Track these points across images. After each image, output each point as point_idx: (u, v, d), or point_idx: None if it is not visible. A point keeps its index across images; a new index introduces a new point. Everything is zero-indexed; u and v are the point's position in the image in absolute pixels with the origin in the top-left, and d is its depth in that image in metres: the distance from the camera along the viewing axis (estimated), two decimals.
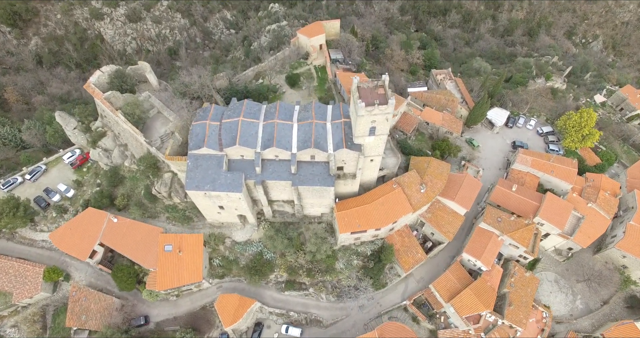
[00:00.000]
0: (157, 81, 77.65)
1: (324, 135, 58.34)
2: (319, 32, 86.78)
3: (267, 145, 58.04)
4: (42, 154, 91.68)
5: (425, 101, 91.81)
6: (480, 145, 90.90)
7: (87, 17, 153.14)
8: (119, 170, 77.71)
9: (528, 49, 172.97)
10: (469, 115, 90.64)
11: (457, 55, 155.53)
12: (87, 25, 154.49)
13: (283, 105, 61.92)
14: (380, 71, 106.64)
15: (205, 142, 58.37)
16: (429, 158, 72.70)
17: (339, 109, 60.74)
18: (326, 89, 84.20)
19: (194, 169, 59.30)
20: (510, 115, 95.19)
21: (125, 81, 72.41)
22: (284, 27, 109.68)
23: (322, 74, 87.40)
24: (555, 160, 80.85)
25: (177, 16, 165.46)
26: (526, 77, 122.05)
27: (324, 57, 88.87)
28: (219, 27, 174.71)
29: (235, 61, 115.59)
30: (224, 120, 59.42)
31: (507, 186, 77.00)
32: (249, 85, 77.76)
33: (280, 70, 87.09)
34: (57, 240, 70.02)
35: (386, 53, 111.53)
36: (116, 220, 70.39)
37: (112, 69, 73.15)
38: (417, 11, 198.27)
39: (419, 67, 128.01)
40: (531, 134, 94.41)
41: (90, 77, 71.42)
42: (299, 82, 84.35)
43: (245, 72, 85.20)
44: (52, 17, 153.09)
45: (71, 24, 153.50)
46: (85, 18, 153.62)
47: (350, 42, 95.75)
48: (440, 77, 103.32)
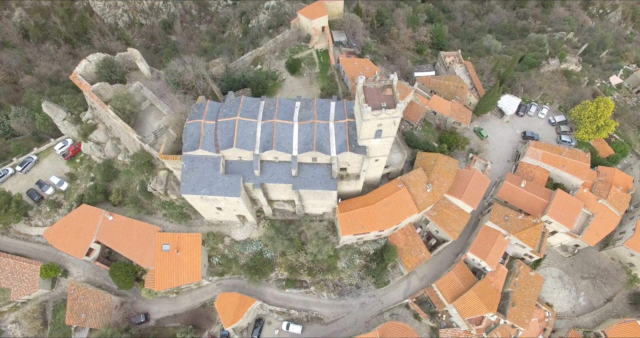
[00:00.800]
0: (149, 69, 72.81)
1: (326, 136, 54.70)
2: (321, 14, 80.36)
3: (266, 146, 54.59)
4: (32, 142, 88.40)
5: (432, 87, 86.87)
6: (489, 135, 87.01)
7: None
8: (113, 164, 74.68)
9: (541, 22, 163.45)
10: (478, 104, 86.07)
11: (465, 30, 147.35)
12: None
13: (283, 102, 57.75)
14: (386, 52, 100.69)
15: (201, 144, 54.88)
16: (436, 155, 69.30)
17: (343, 107, 56.61)
18: (329, 75, 79.22)
19: (189, 171, 56.22)
20: (521, 103, 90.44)
21: (114, 71, 67.70)
22: (283, 4, 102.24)
23: (325, 59, 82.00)
24: (567, 154, 77.37)
25: None
26: (539, 58, 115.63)
27: (326, 40, 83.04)
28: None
29: (232, 40, 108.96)
30: (220, 119, 55.56)
31: (515, 182, 74.11)
32: (247, 73, 72.91)
33: (280, 55, 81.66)
34: (52, 238, 68.33)
35: (392, 32, 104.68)
36: (112, 218, 68.28)
37: (99, 57, 68.12)
38: None
39: (426, 45, 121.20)
40: (542, 123, 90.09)
41: (77, 67, 66.64)
42: (300, 68, 79.21)
43: (242, 56, 79.89)
44: None
45: None
46: None
47: (354, 22, 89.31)
48: (449, 59, 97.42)
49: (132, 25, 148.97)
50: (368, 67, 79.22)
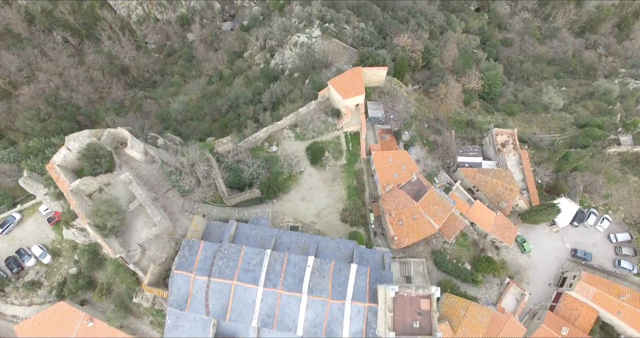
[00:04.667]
0: (143, 150, 61.40)
1: (339, 319, 44.33)
2: (356, 92, 65.34)
3: (266, 321, 44.74)
4: (19, 189, 79.79)
5: (477, 184, 73.42)
6: (532, 247, 74.53)
7: None
8: (99, 249, 65.95)
9: (614, 59, 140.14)
10: (528, 214, 72.78)
11: (522, 68, 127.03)
12: None
13: (292, 260, 46.78)
14: (428, 118, 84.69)
15: (189, 305, 45.57)
16: (467, 303, 58.27)
17: (365, 279, 45.46)
18: (356, 172, 66.62)
19: (173, 329, 47.14)
20: (579, 210, 76.31)
21: (99, 162, 56.46)
22: (314, 43, 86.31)
23: (354, 145, 68.68)
24: (627, 299, 64.98)
25: None
26: (607, 128, 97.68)
27: (359, 121, 69.03)
28: None
29: (248, 74, 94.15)
30: (213, 278, 45.33)
31: (555, 326, 63.24)
32: (257, 171, 61.26)
33: (301, 133, 68.37)
34: (24, 335, 61.80)
35: (439, 90, 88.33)
36: (91, 323, 60.82)
37: (81, 143, 56.91)
38: None
39: (476, 94, 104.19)
40: (600, 238, 76.41)
41: (54, 156, 56.06)
42: (323, 157, 66.54)
43: (256, 133, 66.94)
44: None
45: None
46: None
47: (395, 91, 74.26)
48: (502, 138, 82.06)
49: (146, 19, 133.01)
50: (405, 164, 66.43)
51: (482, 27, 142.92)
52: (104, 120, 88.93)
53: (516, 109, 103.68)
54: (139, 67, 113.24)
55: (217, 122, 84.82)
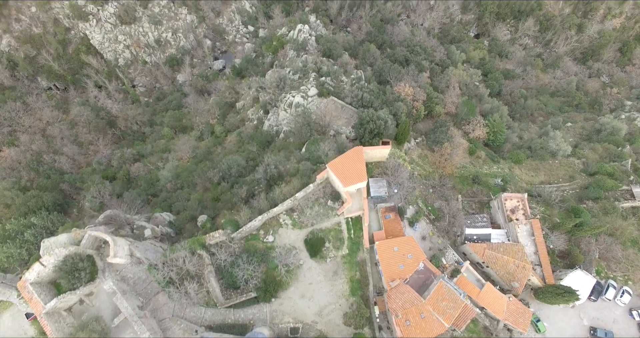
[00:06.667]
0: (128, 252, 56.63)
1: None
2: (358, 178, 60.48)
3: None
4: None
5: (487, 261, 68.89)
6: (547, 325, 70.04)
7: (68, 13, 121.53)
8: None
9: (619, 89, 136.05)
10: (542, 292, 68.30)
11: (526, 105, 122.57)
12: (70, 23, 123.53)
13: None
14: (432, 185, 79.82)
15: None
16: None
17: None
18: (359, 263, 61.94)
19: None
20: (597, 282, 71.83)
21: (78, 275, 51.49)
22: (312, 100, 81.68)
23: (356, 232, 63.98)
24: None
25: (182, 12, 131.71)
26: (618, 177, 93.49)
27: (361, 205, 64.32)
28: (234, 24, 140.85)
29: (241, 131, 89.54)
30: None
31: None
32: (250, 274, 56.62)
33: (299, 220, 63.80)
34: None
35: (444, 150, 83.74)
36: None
37: (58, 256, 51.96)
38: (482, 11, 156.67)
39: (480, 142, 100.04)
40: (620, 313, 71.78)
41: (27, 274, 51.11)
42: (323, 248, 61.86)
43: (251, 222, 62.19)
44: (26, 10, 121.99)
45: (50, 20, 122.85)
46: (66, 14, 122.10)
47: (399, 167, 69.63)
48: (511, 204, 77.47)
49: (134, 62, 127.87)
50: (411, 252, 61.78)
51: (483, 57, 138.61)
52: (89, 189, 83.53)
53: (522, 157, 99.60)
54: (126, 119, 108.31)
55: (209, 191, 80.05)
